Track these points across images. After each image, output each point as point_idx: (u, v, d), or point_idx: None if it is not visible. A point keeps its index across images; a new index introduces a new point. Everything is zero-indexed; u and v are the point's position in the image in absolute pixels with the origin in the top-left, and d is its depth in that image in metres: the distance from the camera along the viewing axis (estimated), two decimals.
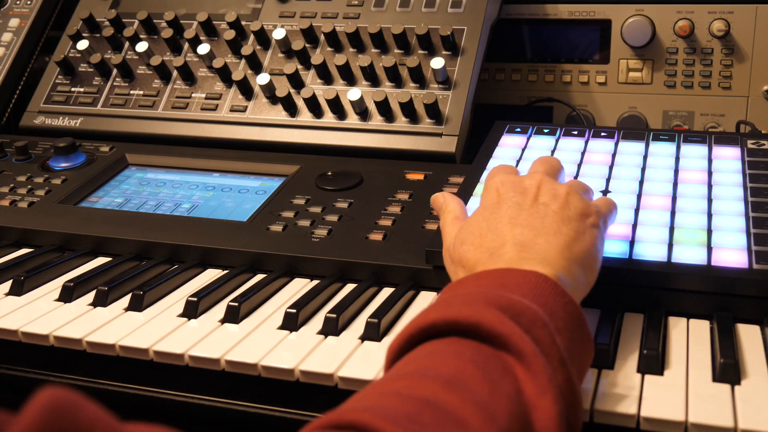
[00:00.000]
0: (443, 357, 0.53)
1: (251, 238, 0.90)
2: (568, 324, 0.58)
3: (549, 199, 0.70)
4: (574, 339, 0.58)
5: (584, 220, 0.69)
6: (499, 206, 0.70)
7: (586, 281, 0.67)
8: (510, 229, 0.67)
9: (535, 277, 0.61)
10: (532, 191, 0.71)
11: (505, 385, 0.51)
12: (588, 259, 0.67)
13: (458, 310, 0.56)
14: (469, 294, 0.59)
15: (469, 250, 0.68)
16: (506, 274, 0.62)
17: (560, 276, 0.63)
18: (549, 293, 0.59)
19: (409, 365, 0.54)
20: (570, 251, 0.66)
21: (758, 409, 0.59)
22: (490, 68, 1.31)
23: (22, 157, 1.15)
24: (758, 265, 0.73)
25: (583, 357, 0.60)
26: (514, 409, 0.50)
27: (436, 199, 0.82)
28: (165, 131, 1.18)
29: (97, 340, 0.74)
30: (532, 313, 0.56)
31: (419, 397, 0.49)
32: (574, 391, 0.54)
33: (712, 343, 0.69)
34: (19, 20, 1.36)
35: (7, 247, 0.96)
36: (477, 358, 0.53)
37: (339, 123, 1.12)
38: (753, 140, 0.95)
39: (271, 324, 0.76)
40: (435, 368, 0.52)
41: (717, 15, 1.19)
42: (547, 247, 0.65)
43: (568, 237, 0.66)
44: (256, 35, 1.20)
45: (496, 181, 0.74)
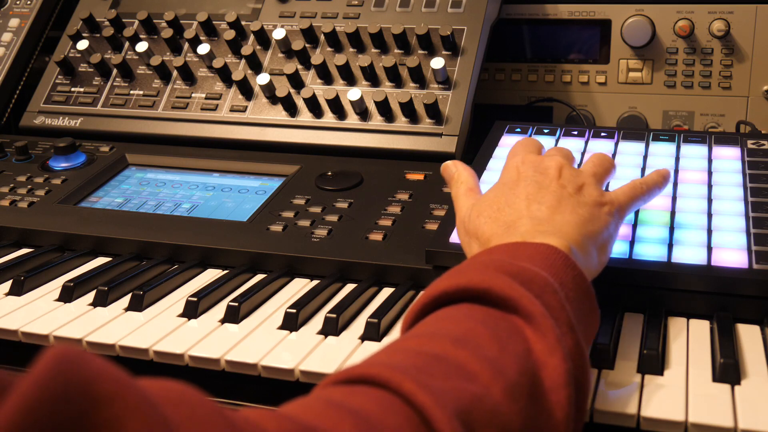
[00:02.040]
0: (454, 320, 0.55)
1: (251, 238, 0.90)
2: (577, 294, 0.59)
3: (567, 182, 0.71)
4: (582, 309, 0.59)
5: (600, 207, 0.70)
6: (517, 183, 0.72)
7: (599, 260, 0.68)
8: (527, 205, 0.69)
9: (547, 249, 0.62)
10: (552, 172, 0.72)
11: (514, 344, 0.53)
12: (601, 239, 0.68)
13: (469, 277, 0.57)
14: (480, 262, 0.60)
15: (486, 222, 0.69)
16: (519, 246, 0.63)
17: (573, 249, 0.64)
18: (560, 264, 0.61)
19: (421, 329, 0.55)
20: (585, 228, 0.67)
21: (758, 409, 0.59)
22: (490, 68, 1.31)
23: (22, 157, 1.15)
24: (758, 265, 0.73)
25: (590, 328, 0.61)
26: (523, 366, 0.51)
27: (447, 167, 0.82)
28: (165, 131, 1.18)
29: (97, 340, 0.74)
30: (542, 280, 0.57)
31: (429, 352, 0.50)
32: (582, 354, 0.55)
33: (712, 343, 0.69)
34: (19, 20, 1.36)
35: (7, 247, 0.96)
36: (487, 320, 0.54)
37: (339, 123, 1.12)
38: (753, 140, 0.95)
39: (271, 324, 0.76)
40: (446, 329, 0.53)
41: (717, 15, 1.19)
42: (563, 222, 0.67)
43: (582, 217, 0.68)
44: (256, 35, 1.20)
45: (517, 159, 0.76)
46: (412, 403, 0.45)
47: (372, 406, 0.44)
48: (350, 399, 0.45)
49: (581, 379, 0.54)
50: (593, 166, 0.76)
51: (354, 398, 0.45)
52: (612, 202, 0.72)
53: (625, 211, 0.74)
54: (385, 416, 0.44)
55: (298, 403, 0.45)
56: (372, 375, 0.47)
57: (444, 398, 0.45)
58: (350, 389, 0.47)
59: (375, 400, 0.45)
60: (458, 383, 0.48)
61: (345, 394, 0.46)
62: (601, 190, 0.73)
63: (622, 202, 0.74)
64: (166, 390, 0.38)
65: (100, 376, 0.34)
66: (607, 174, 0.77)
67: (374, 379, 0.46)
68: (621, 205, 0.73)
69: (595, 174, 0.75)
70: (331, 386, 0.48)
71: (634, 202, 0.76)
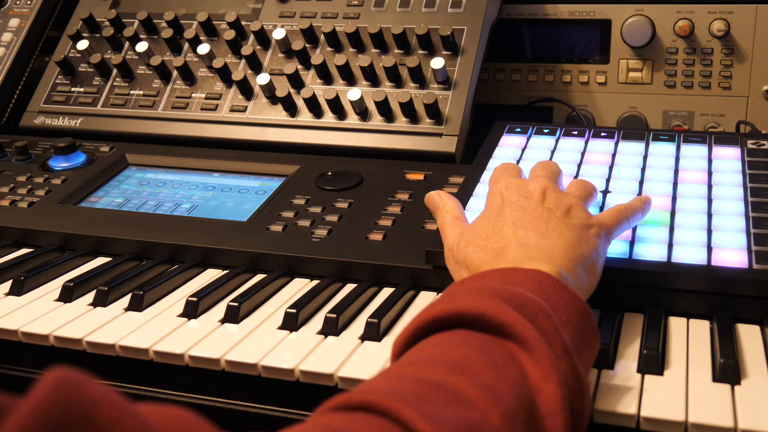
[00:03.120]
0: (449, 346, 0.55)
1: (251, 238, 0.90)
2: (572, 318, 0.59)
3: (553, 205, 0.71)
4: (579, 332, 0.59)
5: (587, 230, 0.70)
6: (503, 209, 0.71)
7: (589, 283, 0.68)
8: (514, 231, 0.68)
9: (538, 275, 0.62)
10: (537, 195, 0.72)
11: (510, 370, 0.53)
12: (590, 262, 0.68)
13: (463, 302, 0.57)
14: (473, 288, 0.60)
15: (475, 251, 0.69)
16: (510, 272, 0.63)
17: (563, 273, 0.64)
18: (552, 289, 0.60)
19: (416, 354, 0.55)
20: (573, 252, 0.67)
21: (758, 409, 0.59)
22: (490, 68, 1.31)
23: (22, 157, 1.15)
24: (758, 265, 0.73)
25: (590, 350, 0.61)
26: (519, 393, 0.51)
27: (431, 198, 0.82)
28: (165, 131, 1.18)
29: (97, 340, 0.74)
30: (535, 304, 0.57)
31: (427, 379, 0.50)
32: (579, 379, 0.55)
33: (712, 343, 0.69)
34: (19, 20, 1.36)
35: (7, 247, 0.96)
36: (482, 346, 0.54)
37: (339, 123, 1.12)
38: (753, 140, 0.95)
39: (271, 324, 0.76)
40: (442, 355, 0.53)
41: (717, 15, 1.19)
42: (551, 247, 0.66)
43: (570, 240, 0.68)
44: (256, 35, 1.20)
45: (500, 185, 0.75)
46: (412, 430, 0.45)
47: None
48: (349, 426, 0.45)
49: (577, 404, 0.54)
50: (576, 190, 0.77)
51: (353, 425, 0.45)
52: (600, 224, 0.72)
53: (612, 234, 0.74)
54: None
55: (296, 429, 0.45)
56: (371, 402, 0.46)
57: (443, 426, 0.45)
58: (349, 416, 0.46)
59: (374, 428, 0.45)
60: (457, 410, 0.48)
61: (344, 421, 0.46)
62: (587, 212, 0.73)
63: (609, 225, 0.73)
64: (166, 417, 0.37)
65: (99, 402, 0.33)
66: (590, 197, 0.77)
67: (373, 406, 0.46)
68: (608, 228, 0.73)
69: (580, 197, 0.75)
70: (329, 412, 0.48)
71: (619, 224, 0.75)
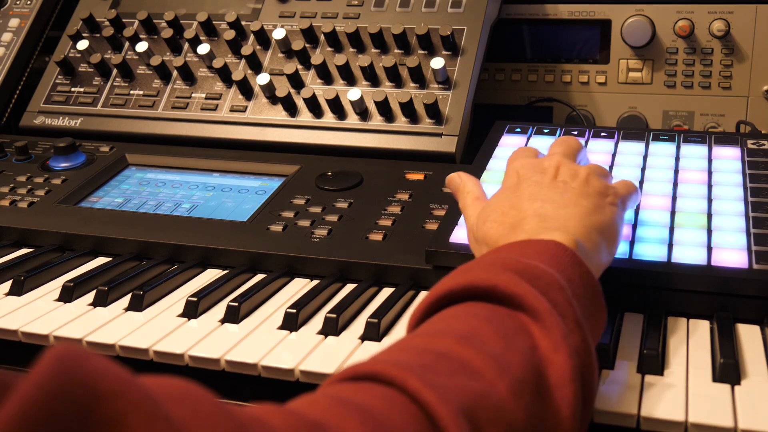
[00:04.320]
0: (459, 318, 0.55)
1: (251, 238, 0.90)
2: (584, 291, 0.59)
3: (568, 177, 0.72)
4: (588, 307, 0.59)
5: (603, 198, 0.70)
6: (519, 186, 0.72)
7: (609, 251, 0.68)
8: (530, 204, 0.69)
9: (554, 245, 0.62)
10: (551, 171, 0.73)
11: (519, 341, 0.53)
12: (608, 229, 0.68)
13: (475, 275, 0.57)
14: (486, 261, 0.60)
15: (492, 227, 0.69)
16: (525, 244, 0.63)
17: (579, 242, 0.64)
18: (567, 261, 0.60)
19: (426, 327, 0.56)
20: (590, 219, 0.67)
21: (758, 409, 0.59)
22: (490, 68, 1.31)
23: (22, 157, 1.15)
24: (758, 265, 0.73)
25: (597, 326, 0.61)
26: (528, 363, 0.51)
27: (453, 179, 0.82)
28: (165, 131, 1.18)
29: (97, 340, 0.74)
30: (548, 277, 0.57)
31: (434, 350, 0.50)
32: (589, 352, 0.55)
33: (712, 343, 0.69)
34: (19, 20, 1.36)
35: (7, 247, 0.96)
36: (492, 318, 0.54)
37: (339, 123, 1.12)
38: (753, 140, 0.95)
39: (271, 324, 0.76)
40: (450, 327, 0.54)
41: (717, 15, 1.19)
42: (567, 216, 0.67)
43: (587, 208, 0.68)
44: (256, 35, 1.20)
45: (516, 164, 0.76)
46: (417, 400, 0.45)
47: (378, 403, 0.45)
48: (356, 396, 0.45)
49: (588, 376, 0.54)
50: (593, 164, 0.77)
51: (360, 395, 0.45)
52: (615, 192, 0.72)
53: (626, 203, 0.74)
54: (390, 413, 0.44)
55: (304, 399, 0.46)
56: (377, 372, 0.47)
57: (449, 395, 0.46)
58: (356, 386, 0.47)
59: (381, 398, 0.45)
60: (463, 380, 0.48)
61: (351, 391, 0.46)
62: (604, 181, 0.73)
63: (623, 193, 0.74)
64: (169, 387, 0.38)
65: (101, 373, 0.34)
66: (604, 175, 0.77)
67: (379, 376, 0.47)
68: (623, 197, 0.73)
69: (596, 169, 0.75)
70: (336, 383, 0.48)
71: (630, 194, 0.76)
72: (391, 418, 0.44)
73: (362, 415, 0.43)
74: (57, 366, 0.33)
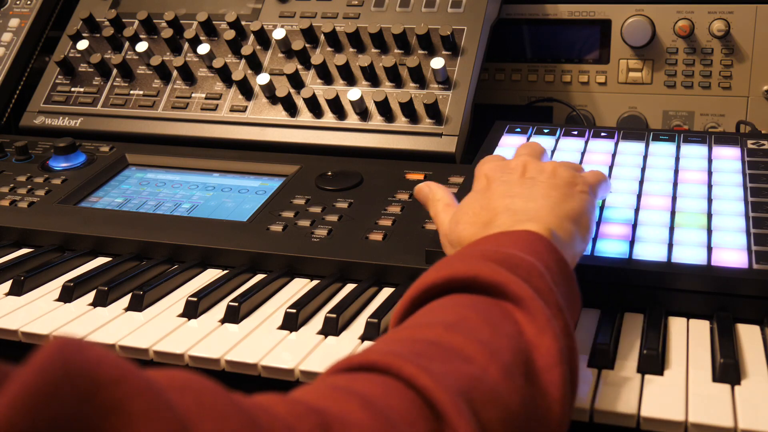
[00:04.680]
0: (444, 309, 0.56)
1: (251, 238, 0.90)
2: (561, 278, 0.61)
3: (536, 173, 0.73)
4: (566, 294, 0.61)
5: (572, 187, 0.72)
6: (488, 187, 0.73)
7: (582, 237, 0.70)
8: (501, 201, 0.70)
9: (528, 234, 0.63)
10: (519, 169, 0.74)
11: (505, 326, 0.54)
12: (580, 216, 0.70)
13: (456, 268, 0.58)
14: (465, 253, 0.61)
15: (465, 228, 0.70)
16: (500, 236, 0.64)
17: (553, 231, 0.65)
18: (543, 249, 0.62)
19: (412, 320, 0.56)
20: (560, 208, 0.68)
21: (758, 409, 0.59)
22: (490, 68, 1.31)
23: (22, 157, 1.15)
24: (758, 265, 0.73)
25: (574, 311, 0.63)
26: (516, 347, 0.52)
27: (421, 190, 0.83)
28: (165, 131, 1.18)
29: (97, 340, 0.74)
30: (527, 264, 0.58)
31: (424, 339, 0.51)
32: (571, 336, 0.56)
33: (712, 343, 0.69)
34: (19, 20, 1.36)
35: (7, 247, 0.96)
36: (477, 306, 0.55)
37: (339, 123, 1.12)
38: (753, 140, 0.95)
39: (271, 324, 0.76)
40: (437, 317, 0.54)
41: (717, 15, 1.19)
42: (537, 207, 0.68)
43: (556, 198, 0.69)
44: (256, 35, 1.20)
45: (484, 168, 0.77)
46: (414, 386, 0.46)
47: (376, 390, 0.45)
48: (354, 384, 0.46)
49: (573, 360, 0.55)
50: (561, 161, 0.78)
51: (358, 384, 0.46)
52: (584, 180, 0.74)
53: (596, 190, 0.75)
54: (389, 399, 0.45)
55: (305, 389, 0.46)
56: (373, 362, 0.48)
57: (445, 380, 0.46)
58: (352, 376, 0.48)
59: (378, 385, 0.46)
60: (456, 365, 0.49)
61: (348, 381, 0.47)
62: (571, 171, 0.74)
63: (592, 181, 0.75)
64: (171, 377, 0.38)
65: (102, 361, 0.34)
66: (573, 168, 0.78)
67: (375, 365, 0.47)
68: (592, 185, 0.75)
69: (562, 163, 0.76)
70: (333, 374, 0.49)
71: (600, 182, 0.77)
72: (391, 404, 0.44)
73: (362, 401, 0.43)
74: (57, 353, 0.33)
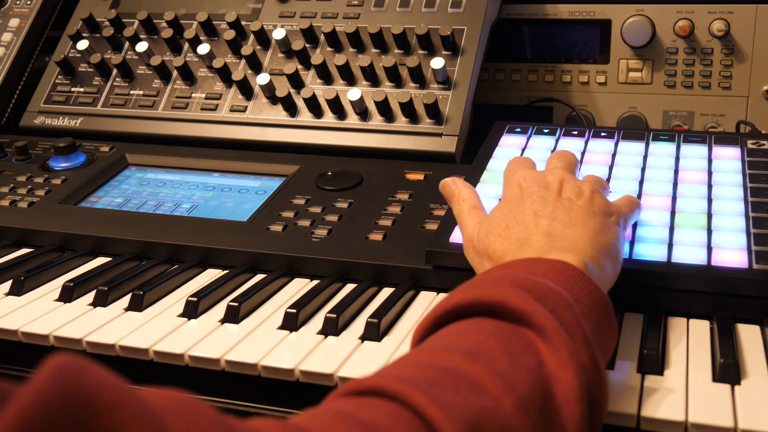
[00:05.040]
0: (465, 334, 0.54)
1: (251, 238, 0.90)
2: (593, 309, 0.59)
3: (573, 194, 0.71)
4: (600, 325, 0.59)
5: (608, 217, 0.70)
6: (522, 200, 0.71)
7: (613, 272, 0.68)
8: (537, 221, 0.68)
9: (562, 265, 0.61)
10: (555, 186, 0.72)
11: (526, 357, 0.52)
12: (612, 250, 0.68)
13: (483, 291, 0.57)
14: (495, 277, 0.60)
15: (497, 240, 0.69)
16: (534, 262, 0.62)
17: (588, 264, 0.63)
18: (575, 280, 0.60)
19: (432, 342, 0.55)
20: (597, 241, 0.67)
21: (758, 409, 0.59)
22: (490, 68, 1.31)
23: (22, 157, 1.15)
24: (758, 265, 0.73)
25: (608, 344, 0.61)
26: (535, 381, 0.51)
27: (447, 185, 0.81)
28: (165, 131, 1.18)
29: (97, 340, 0.74)
30: (556, 294, 0.57)
31: (439, 366, 0.50)
32: (598, 371, 0.54)
33: (712, 343, 0.69)
34: (19, 20, 1.36)
35: (7, 247, 0.96)
36: (499, 334, 0.54)
37: (339, 123, 1.12)
38: (753, 140, 0.95)
39: (271, 324, 0.76)
40: (457, 343, 0.53)
41: (717, 15, 1.19)
42: (576, 236, 0.66)
43: (594, 229, 0.68)
44: (256, 35, 1.20)
45: (518, 176, 0.75)
46: (421, 415, 0.45)
47: (382, 418, 0.44)
48: (360, 411, 0.45)
49: (596, 394, 0.54)
50: (594, 179, 0.77)
51: (364, 410, 0.45)
52: (618, 211, 0.73)
53: (628, 221, 0.75)
54: (394, 428, 0.44)
55: (307, 414, 0.45)
56: (382, 387, 0.47)
57: (454, 411, 0.45)
58: (360, 401, 0.47)
59: (385, 413, 0.45)
60: (468, 396, 0.47)
61: (355, 406, 0.46)
62: (607, 199, 0.73)
63: (625, 212, 0.74)
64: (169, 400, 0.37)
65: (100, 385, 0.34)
66: (604, 188, 0.77)
67: (384, 391, 0.46)
68: (626, 215, 0.74)
69: (599, 182, 0.76)
70: (341, 398, 0.48)
71: (633, 212, 0.76)
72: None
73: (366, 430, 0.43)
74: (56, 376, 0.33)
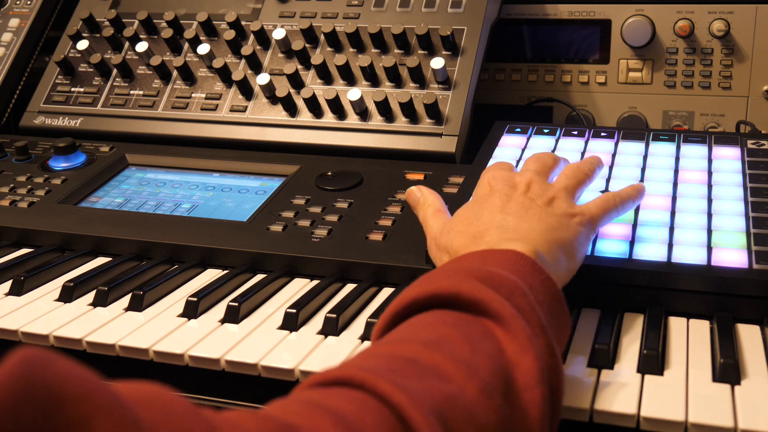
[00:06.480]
0: (424, 325, 0.56)
1: (251, 238, 0.90)
2: (546, 297, 0.60)
3: (536, 195, 0.73)
4: (552, 312, 0.60)
5: (570, 218, 0.71)
6: (488, 198, 0.73)
7: (567, 267, 0.69)
8: (494, 216, 0.70)
9: (514, 255, 0.63)
10: (522, 186, 0.74)
11: (485, 344, 0.53)
12: (569, 246, 0.69)
13: (438, 284, 0.58)
14: (449, 269, 0.61)
15: (456, 237, 0.70)
16: (487, 254, 0.64)
17: (539, 253, 0.65)
18: (528, 269, 0.61)
19: (391, 336, 0.56)
20: (551, 235, 0.68)
21: (758, 409, 0.59)
22: (490, 68, 1.31)
23: (22, 157, 1.15)
24: (758, 265, 0.73)
25: (561, 332, 0.62)
26: (496, 366, 0.52)
27: (412, 193, 0.83)
28: (165, 131, 1.18)
29: (97, 340, 0.74)
30: (511, 283, 0.58)
31: (401, 356, 0.51)
32: (554, 355, 0.56)
33: (712, 343, 0.69)
34: (19, 20, 1.36)
35: (7, 247, 0.96)
36: (457, 323, 0.55)
37: (339, 123, 1.12)
38: (753, 140, 0.95)
39: (271, 324, 0.76)
40: (417, 334, 0.54)
41: (717, 15, 1.19)
42: (528, 229, 0.68)
43: (550, 225, 0.69)
44: (256, 35, 1.20)
45: (488, 175, 0.77)
46: (388, 403, 0.45)
47: (350, 406, 0.45)
48: (328, 400, 0.46)
49: (554, 380, 0.55)
50: (565, 179, 0.77)
51: (331, 399, 0.46)
52: (583, 213, 0.73)
53: (597, 223, 0.74)
54: (362, 416, 0.44)
55: (277, 404, 0.46)
56: (348, 377, 0.47)
57: (419, 398, 0.46)
58: (327, 391, 0.47)
59: (352, 401, 0.45)
60: (433, 383, 0.49)
61: (322, 396, 0.47)
62: (571, 203, 0.73)
63: (594, 213, 0.74)
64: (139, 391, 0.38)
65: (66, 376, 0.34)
66: (580, 185, 0.77)
67: (350, 380, 0.47)
68: (593, 217, 0.73)
69: (566, 188, 0.75)
70: (306, 389, 0.49)
71: (606, 213, 0.76)
72: (364, 421, 0.44)
73: (335, 418, 0.43)
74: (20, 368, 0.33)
